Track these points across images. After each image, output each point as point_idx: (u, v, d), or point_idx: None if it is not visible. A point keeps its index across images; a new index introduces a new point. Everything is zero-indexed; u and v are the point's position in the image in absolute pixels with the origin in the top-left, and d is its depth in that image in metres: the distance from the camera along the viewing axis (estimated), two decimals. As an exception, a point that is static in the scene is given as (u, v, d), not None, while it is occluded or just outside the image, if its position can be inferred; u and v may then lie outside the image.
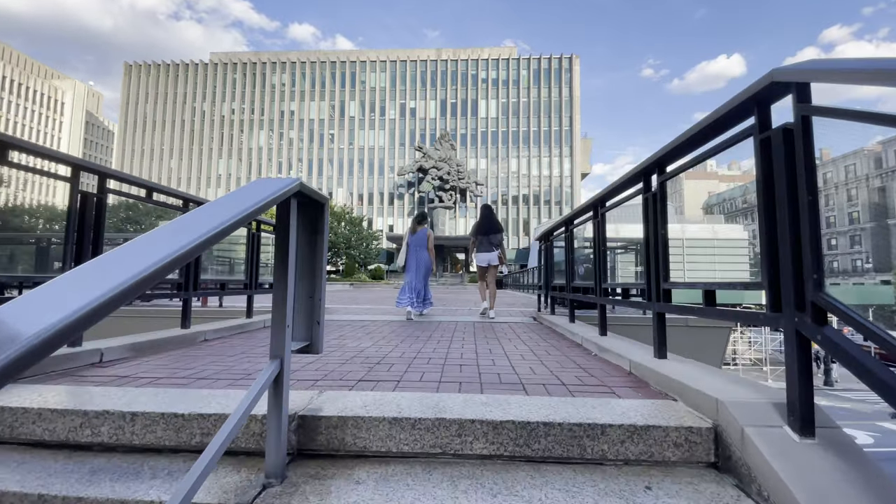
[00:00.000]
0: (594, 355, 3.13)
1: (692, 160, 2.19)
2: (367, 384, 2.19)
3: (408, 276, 6.34)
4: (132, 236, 1.98)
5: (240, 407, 1.29)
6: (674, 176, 2.39)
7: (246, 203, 1.18)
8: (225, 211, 1.15)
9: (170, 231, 1.00)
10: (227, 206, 1.17)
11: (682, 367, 2.27)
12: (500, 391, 2.08)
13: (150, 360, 2.88)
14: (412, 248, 6.44)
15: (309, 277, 1.78)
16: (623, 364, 2.64)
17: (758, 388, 1.79)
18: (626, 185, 3.02)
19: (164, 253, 0.84)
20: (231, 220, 1.07)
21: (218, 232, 1.04)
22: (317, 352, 1.77)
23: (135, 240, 0.90)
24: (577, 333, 3.75)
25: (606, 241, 3.50)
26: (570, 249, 4.66)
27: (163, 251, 0.84)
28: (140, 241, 0.90)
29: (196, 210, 1.13)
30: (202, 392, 2.04)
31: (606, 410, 1.77)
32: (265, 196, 1.28)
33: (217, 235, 1.04)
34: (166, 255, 0.83)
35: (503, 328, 4.85)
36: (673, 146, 2.19)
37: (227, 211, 1.13)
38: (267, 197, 1.29)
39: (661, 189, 2.45)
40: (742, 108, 1.72)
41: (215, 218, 1.07)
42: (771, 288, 1.53)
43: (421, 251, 6.40)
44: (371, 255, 42.01)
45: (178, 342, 3.49)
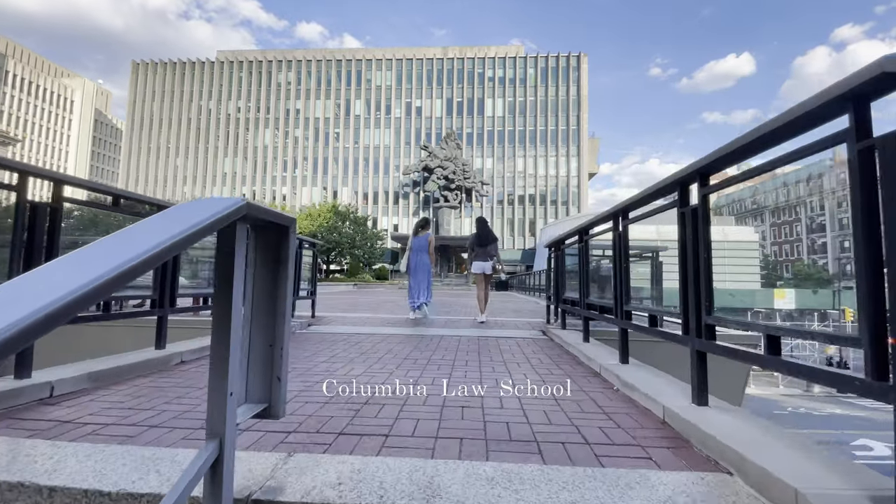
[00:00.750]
0: (616, 390, 2.73)
1: (745, 172, 1.79)
2: (349, 440, 1.81)
3: (411, 279, 6.99)
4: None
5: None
6: (720, 189, 1.99)
7: (139, 247, 0.80)
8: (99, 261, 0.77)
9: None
10: (107, 252, 0.79)
11: (733, 421, 1.87)
12: (509, 452, 1.70)
13: (107, 393, 2.53)
14: (414, 252, 7.03)
15: (268, 320, 1.40)
16: (655, 409, 2.24)
17: (847, 469, 1.39)
18: (655, 196, 2.62)
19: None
20: (99, 280, 0.69)
21: (79, 297, 0.66)
22: (276, 416, 1.39)
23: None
24: (594, 359, 3.35)
25: (629, 257, 3.10)
26: (584, 261, 4.26)
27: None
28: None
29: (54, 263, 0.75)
30: (146, 452, 1.67)
31: (645, 492, 1.38)
32: (178, 232, 0.90)
33: (78, 301, 0.66)
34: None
35: (510, 346, 4.46)
36: (724, 152, 1.78)
37: (102, 262, 0.74)
38: (183, 232, 0.91)
39: (703, 204, 2.05)
40: (827, 107, 1.32)
41: (79, 275, 0.69)
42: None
43: (422, 255, 6.99)
44: (375, 254, 41.69)
45: (149, 367, 3.13)
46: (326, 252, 38.13)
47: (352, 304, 10.90)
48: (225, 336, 1.16)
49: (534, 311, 9.57)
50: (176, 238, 0.90)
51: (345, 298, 13.47)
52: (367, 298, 13.92)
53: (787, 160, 1.49)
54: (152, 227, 0.98)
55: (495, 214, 57.15)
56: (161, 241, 0.85)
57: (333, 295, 15.71)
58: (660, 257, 6.60)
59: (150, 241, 0.83)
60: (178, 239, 0.90)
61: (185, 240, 0.95)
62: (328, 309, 8.45)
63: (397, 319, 6.89)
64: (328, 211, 40.69)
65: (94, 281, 0.69)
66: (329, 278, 36.97)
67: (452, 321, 6.86)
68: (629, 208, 3.02)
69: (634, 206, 2.94)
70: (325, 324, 6.10)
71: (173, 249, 0.91)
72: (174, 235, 0.91)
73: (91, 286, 0.68)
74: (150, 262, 0.81)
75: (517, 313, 8.71)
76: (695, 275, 2.08)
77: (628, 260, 3.08)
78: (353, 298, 13.68)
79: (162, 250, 0.83)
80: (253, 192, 58.84)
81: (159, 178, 60.47)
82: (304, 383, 2.75)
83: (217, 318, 1.18)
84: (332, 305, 9.61)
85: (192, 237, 0.98)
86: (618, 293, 3.11)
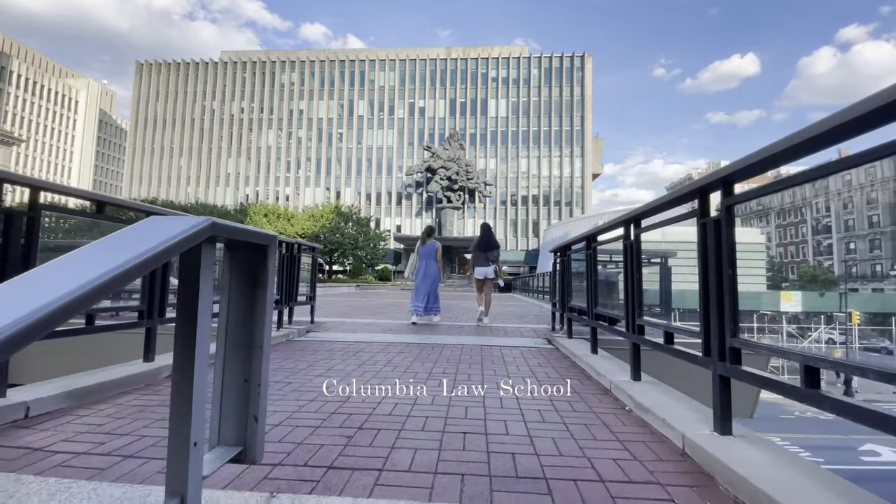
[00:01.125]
0: (629, 411, 2.56)
1: (782, 181, 1.62)
2: (340, 476, 1.64)
3: (418, 285, 6.98)
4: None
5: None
6: (748, 200, 1.82)
7: (55, 290, 0.63)
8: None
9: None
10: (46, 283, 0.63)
11: (761, 456, 1.69)
12: (517, 493, 1.53)
13: (88, 413, 2.38)
14: (422, 259, 7.12)
15: (243, 352, 1.24)
16: (673, 437, 2.07)
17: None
18: (671, 204, 2.45)
19: None
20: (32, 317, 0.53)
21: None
22: (253, 461, 1.23)
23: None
24: (605, 375, 3.17)
25: (642, 267, 2.93)
26: (592, 269, 4.08)
27: None
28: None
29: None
30: (115, 491, 1.52)
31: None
32: (114, 267, 0.74)
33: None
34: None
35: (515, 357, 4.29)
36: (763, 156, 1.59)
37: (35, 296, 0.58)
38: (126, 264, 0.75)
39: (727, 215, 1.87)
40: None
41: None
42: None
43: (430, 262, 7.10)
44: (378, 255, 41.56)
45: (136, 381, 2.98)
46: (329, 253, 38.04)
47: (353, 307, 10.76)
48: (187, 377, 1.00)
49: (538, 315, 9.39)
50: (113, 273, 0.74)
51: (346, 301, 13.34)
52: (369, 301, 13.77)
53: (839, 167, 1.31)
54: (89, 256, 0.82)
55: (499, 215, 56.96)
56: (91, 280, 0.69)
57: (332, 297, 15.59)
58: (669, 263, 6.41)
59: (74, 280, 0.67)
60: (116, 274, 0.74)
61: (129, 273, 0.79)
62: (328, 313, 8.30)
63: (399, 325, 6.73)
64: (331, 212, 40.63)
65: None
66: (331, 279, 36.89)
67: (455, 327, 6.70)
68: (643, 216, 2.84)
69: (648, 213, 2.77)
70: (324, 330, 5.95)
71: (111, 286, 0.75)
72: (111, 270, 0.75)
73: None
74: (71, 307, 0.65)
75: (521, 318, 8.54)
76: (717, 293, 1.91)
77: (641, 271, 2.91)
78: (355, 301, 13.54)
79: (88, 291, 0.67)
80: (256, 192, 58.89)
81: (163, 178, 60.60)
82: (296, 402, 2.60)
83: (179, 355, 1.02)
84: (332, 310, 9.47)
85: (139, 268, 0.82)
86: (629, 306, 2.94)
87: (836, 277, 52.97)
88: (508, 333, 6.04)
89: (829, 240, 60.76)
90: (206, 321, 1.03)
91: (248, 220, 39.35)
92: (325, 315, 7.81)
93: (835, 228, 59.34)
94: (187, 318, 1.01)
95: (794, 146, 1.48)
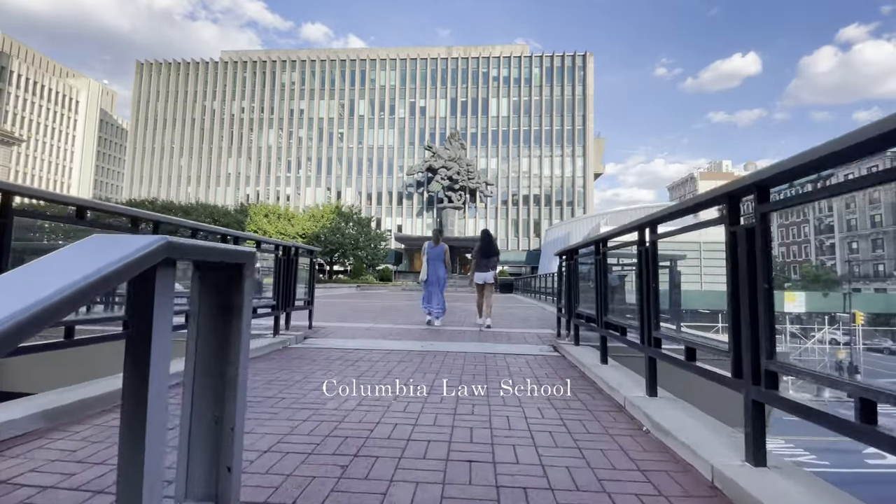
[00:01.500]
0: (646, 432, 2.38)
1: (830, 188, 1.43)
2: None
3: (431, 288, 7.23)
4: None
5: None
6: (785, 208, 1.63)
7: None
8: None
9: None
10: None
11: (799, 490, 1.51)
12: (530, 540, 1.35)
13: (62, 436, 2.20)
14: (431, 263, 7.35)
15: (214, 389, 1.06)
16: (699, 466, 1.88)
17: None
18: (693, 209, 2.27)
19: None
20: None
21: None
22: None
23: None
24: (617, 389, 2.99)
25: (658, 276, 2.74)
26: (602, 275, 3.90)
27: None
28: None
29: None
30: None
31: None
32: (39, 300, 0.56)
33: None
34: None
35: (520, 367, 4.10)
36: (804, 160, 1.41)
37: None
38: (50, 298, 0.57)
39: (762, 224, 1.69)
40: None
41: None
42: None
43: (439, 265, 7.39)
44: (379, 255, 41.36)
45: (118, 398, 2.80)
46: (330, 253, 37.87)
47: (353, 310, 10.58)
48: (138, 427, 0.82)
49: (541, 318, 9.21)
50: (35, 308, 0.56)
51: (346, 303, 13.15)
52: (369, 303, 13.59)
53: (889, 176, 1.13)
54: (17, 280, 0.64)
55: (500, 215, 56.77)
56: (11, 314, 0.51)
57: (332, 299, 15.40)
58: (678, 266, 6.21)
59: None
60: (38, 310, 0.56)
61: (56, 307, 0.61)
62: (327, 317, 8.13)
63: (399, 330, 6.56)
64: (331, 212, 40.45)
65: None
66: (332, 280, 36.72)
67: (458, 332, 6.52)
68: (659, 220, 2.65)
69: (666, 218, 2.58)
70: (322, 336, 5.77)
71: (33, 325, 0.57)
72: (34, 304, 0.57)
73: None
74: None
75: (525, 322, 8.35)
76: (751, 309, 1.72)
77: (657, 279, 2.72)
78: (355, 303, 13.35)
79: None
80: (257, 192, 58.74)
81: (163, 178, 60.47)
82: (289, 423, 2.41)
83: (129, 398, 0.84)
84: (331, 312, 9.28)
85: (69, 301, 0.64)
86: (644, 316, 2.75)
87: (839, 277, 52.68)
88: (512, 339, 5.85)
89: (832, 239, 60.46)
90: (162, 365, 0.85)
91: (249, 220, 39.19)
92: (324, 319, 7.63)
93: (837, 228, 59.05)
94: (139, 356, 0.83)
95: (842, 150, 1.30)
